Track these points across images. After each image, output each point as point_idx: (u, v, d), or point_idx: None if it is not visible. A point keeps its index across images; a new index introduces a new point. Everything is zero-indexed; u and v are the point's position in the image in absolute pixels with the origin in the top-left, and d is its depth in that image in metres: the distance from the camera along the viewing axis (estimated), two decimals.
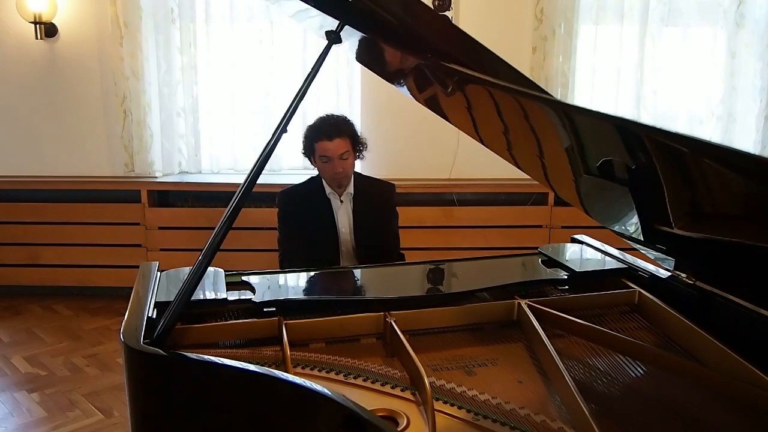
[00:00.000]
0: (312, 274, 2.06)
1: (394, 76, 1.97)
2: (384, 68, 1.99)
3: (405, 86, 1.92)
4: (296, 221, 2.54)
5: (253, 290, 1.78)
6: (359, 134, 2.53)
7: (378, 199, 2.62)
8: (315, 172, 2.58)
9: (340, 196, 2.54)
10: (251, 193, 1.57)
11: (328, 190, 2.53)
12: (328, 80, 3.95)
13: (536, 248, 2.13)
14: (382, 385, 1.42)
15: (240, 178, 1.79)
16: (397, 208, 2.68)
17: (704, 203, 1.29)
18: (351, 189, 2.55)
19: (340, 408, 1.21)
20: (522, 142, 1.69)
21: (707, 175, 1.16)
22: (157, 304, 1.62)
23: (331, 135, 2.42)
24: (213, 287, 1.76)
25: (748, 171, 1.01)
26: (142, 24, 3.84)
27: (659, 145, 1.16)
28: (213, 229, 1.53)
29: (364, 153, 2.57)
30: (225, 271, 1.85)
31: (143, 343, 1.42)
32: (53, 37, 3.94)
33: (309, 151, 2.50)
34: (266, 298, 1.71)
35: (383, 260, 2.34)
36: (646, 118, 3.88)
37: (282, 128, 1.60)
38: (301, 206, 2.55)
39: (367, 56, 2.04)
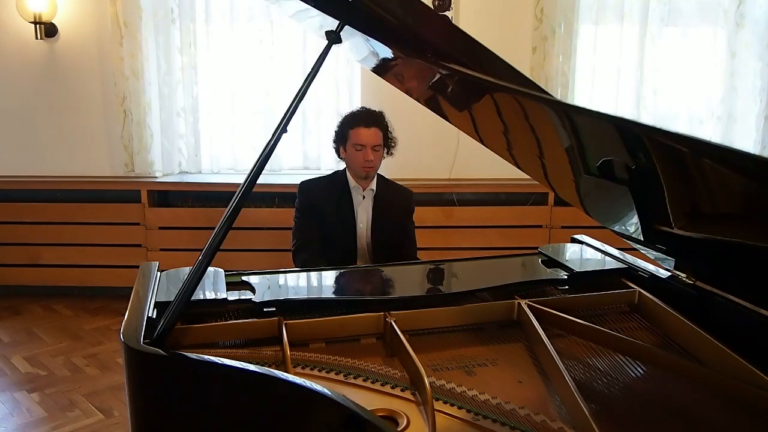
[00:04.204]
0: (312, 274, 2.05)
1: (394, 76, 1.97)
2: (384, 68, 1.99)
3: (405, 86, 1.92)
4: (315, 211, 2.54)
5: (253, 290, 1.78)
6: (390, 132, 2.55)
7: (397, 202, 2.64)
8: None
9: (362, 190, 2.55)
10: (251, 193, 1.57)
11: (352, 183, 2.54)
12: (328, 80, 3.95)
13: (536, 248, 2.13)
14: (382, 385, 1.42)
15: (240, 178, 1.79)
16: None
17: (704, 203, 1.29)
18: (374, 185, 2.57)
19: (340, 408, 1.21)
20: (522, 142, 1.69)
21: (707, 175, 1.16)
22: (157, 304, 1.62)
23: (369, 123, 2.46)
24: (213, 287, 1.76)
25: (748, 171, 1.01)
26: (142, 24, 3.84)
27: (659, 145, 1.16)
28: (213, 229, 1.53)
29: (393, 150, 2.58)
30: (225, 271, 1.85)
31: (143, 343, 1.42)
32: (53, 37, 3.94)
33: (341, 138, 2.50)
34: (266, 298, 1.71)
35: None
36: (646, 118, 3.88)
37: (282, 128, 1.60)
38: (322, 197, 2.56)
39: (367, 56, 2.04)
